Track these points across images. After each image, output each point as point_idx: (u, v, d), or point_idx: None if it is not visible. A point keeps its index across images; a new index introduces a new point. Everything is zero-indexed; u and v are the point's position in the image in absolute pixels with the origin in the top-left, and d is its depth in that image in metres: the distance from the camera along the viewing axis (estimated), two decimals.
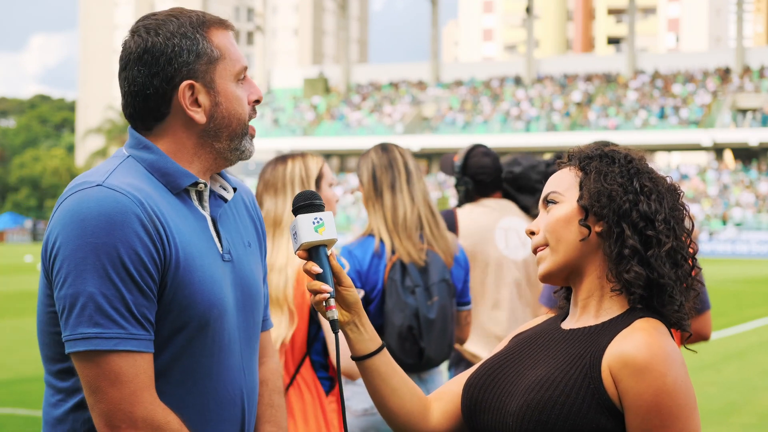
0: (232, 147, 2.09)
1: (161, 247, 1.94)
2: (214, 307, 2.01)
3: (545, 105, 55.63)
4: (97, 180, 1.95)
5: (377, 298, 3.75)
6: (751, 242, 42.55)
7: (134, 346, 1.90)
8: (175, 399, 1.98)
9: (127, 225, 1.91)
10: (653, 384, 1.83)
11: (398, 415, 2.06)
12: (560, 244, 1.99)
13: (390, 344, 3.70)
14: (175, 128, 2.06)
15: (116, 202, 1.91)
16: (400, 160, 3.84)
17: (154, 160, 2.04)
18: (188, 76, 2.03)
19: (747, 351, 12.87)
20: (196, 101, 2.05)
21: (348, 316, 2.02)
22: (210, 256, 2.04)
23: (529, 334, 2.11)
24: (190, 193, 2.08)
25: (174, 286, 1.96)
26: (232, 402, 2.07)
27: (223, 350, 2.04)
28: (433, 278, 3.77)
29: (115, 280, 1.89)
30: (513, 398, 1.93)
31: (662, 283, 1.95)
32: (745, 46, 57.15)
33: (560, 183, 2.05)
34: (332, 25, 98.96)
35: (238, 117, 2.08)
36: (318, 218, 1.97)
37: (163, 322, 1.96)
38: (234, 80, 2.07)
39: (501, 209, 4.51)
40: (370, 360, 2.04)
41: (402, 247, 3.73)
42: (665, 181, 2.04)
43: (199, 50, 2.04)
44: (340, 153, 59.47)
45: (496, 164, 4.54)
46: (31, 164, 78.00)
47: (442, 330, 3.78)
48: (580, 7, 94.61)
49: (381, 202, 3.78)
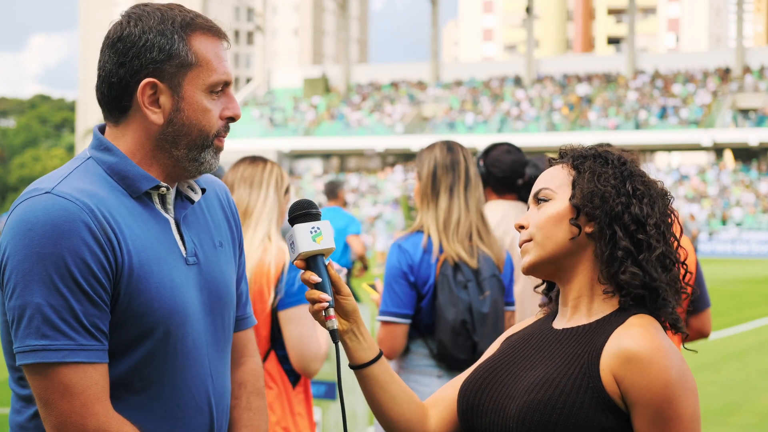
0: (191, 157, 2.02)
1: (112, 255, 1.90)
2: (174, 313, 1.96)
3: (545, 105, 55.60)
4: (47, 187, 1.91)
5: (429, 294, 3.75)
6: (751, 242, 42.51)
7: (84, 357, 1.86)
8: (139, 408, 1.95)
9: (75, 233, 1.86)
10: (660, 377, 1.84)
11: (397, 423, 2.05)
12: (548, 240, 1.99)
13: (442, 340, 3.70)
14: (135, 125, 2.01)
15: (63, 210, 1.87)
16: (462, 163, 3.83)
17: (113, 162, 2.00)
18: (153, 74, 1.98)
19: (747, 351, 12.86)
20: (156, 101, 1.99)
21: (347, 325, 2.01)
22: (170, 261, 1.99)
23: (521, 336, 2.10)
24: (152, 197, 2.03)
25: (128, 294, 1.92)
26: (198, 409, 2.03)
27: (187, 356, 2.00)
28: (485, 273, 3.78)
29: (63, 290, 1.85)
30: (512, 400, 1.93)
31: (655, 287, 1.95)
32: (745, 46, 57.10)
33: (552, 180, 2.04)
34: (332, 25, 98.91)
35: (201, 128, 2.01)
36: (315, 227, 1.95)
37: (121, 331, 1.93)
38: (205, 90, 2.01)
39: (516, 211, 4.46)
40: (369, 368, 2.03)
41: (451, 248, 3.73)
42: (657, 185, 2.04)
43: (171, 51, 1.98)
44: (340, 153, 59.42)
45: (514, 165, 4.49)
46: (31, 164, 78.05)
47: (494, 324, 3.79)
48: (580, 7, 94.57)
49: (436, 202, 3.79)
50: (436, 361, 3.76)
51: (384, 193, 52.27)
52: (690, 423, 1.86)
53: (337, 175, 55.72)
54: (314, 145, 57.33)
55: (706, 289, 4.34)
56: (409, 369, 3.79)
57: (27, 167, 77.98)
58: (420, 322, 3.77)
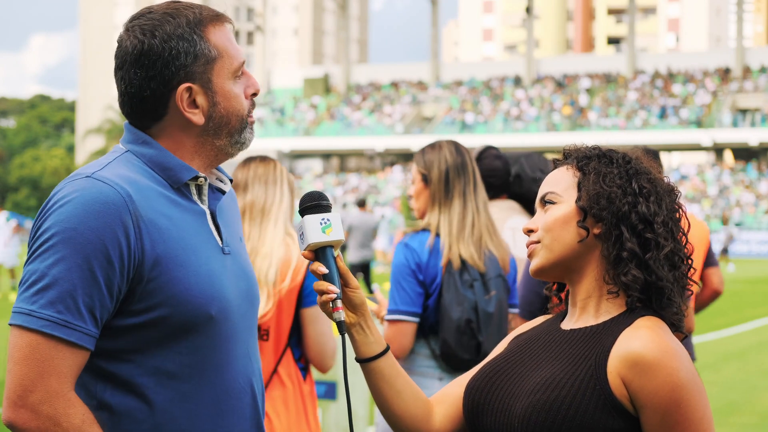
0: (233, 141, 2.08)
1: (139, 243, 1.92)
2: (214, 300, 1.99)
3: (545, 105, 55.59)
4: (88, 172, 1.95)
5: (435, 293, 3.73)
6: (751, 242, 42.52)
7: (63, 333, 1.87)
8: (188, 395, 1.98)
9: (105, 217, 1.89)
10: (668, 380, 1.83)
11: (402, 418, 2.05)
12: (556, 243, 1.98)
13: (446, 339, 3.68)
14: (172, 128, 2.04)
15: (99, 192, 1.91)
16: (470, 165, 3.84)
17: (153, 154, 2.02)
18: (186, 78, 2.01)
19: (747, 351, 12.85)
20: (193, 103, 2.03)
21: (354, 318, 2.01)
22: (208, 250, 2.03)
23: (528, 335, 2.09)
24: (189, 187, 2.06)
25: (159, 284, 1.94)
26: (242, 391, 2.07)
27: (229, 341, 2.03)
28: (490, 273, 3.77)
29: (71, 267, 1.87)
30: (518, 400, 1.92)
31: (660, 286, 1.95)
32: (745, 46, 57.08)
33: (558, 183, 2.03)
34: (332, 25, 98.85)
35: (237, 113, 2.06)
36: (325, 219, 1.96)
37: (163, 322, 1.95)
38: (231, 77, 2.05)
39: (507, 210, 4.54)
40: (375, 362, 2.02)
41: (463, 250, 3.73)
42: (663, 181, 2.03)
43: (196, 52, 2.01)
44: (340, 153, 59.40)
45: (506, 168, 4.56)
46: (31, 164, 77.98)
47: (498, 325, 3.78)
48: (580, 7, 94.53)
49: (450, 206, 3.78)
50: (437, 363, 3.75)
51: (384, 193, 52.26)
52: (700, 425, 1.86)
53: (337, 175, 55.73)
54: (314, 145, 57.32)
55: (714, 252, 4.81)
56: (410, 370, 3.77)
57: (27, 167, 77.87)
58: (424, 322, 3.75)
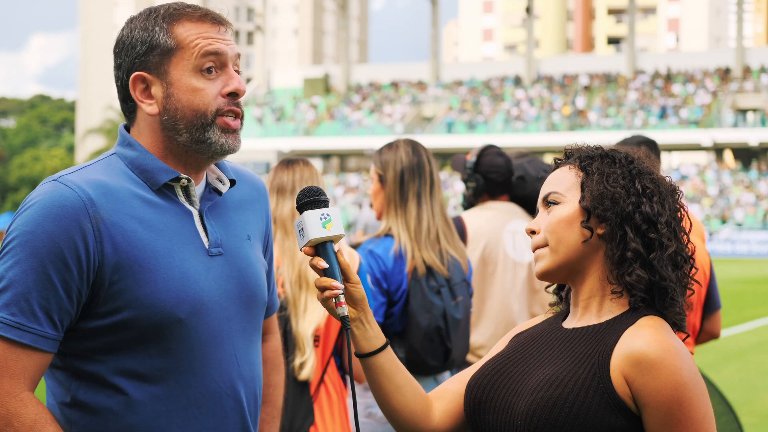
0: (195, 139, 2.04)
1: (99, 246, 1.94)
2: (184, 303, 1.98)
3: (545, 105, 55.59)
4: (57, 175, 2.00)
5: (401, 300, 3.68)
6: (751, 242, 42.51)
7: (16, 335, 1.88)
8: (159, 397, 1.98)
9: (62, 220, 1.92)
10: (671, 379, 1.84)
11: (401, 413, 2.05)
12: (561, 244, 1.98)
13: (413, 346, 3.64)
14: (141, 122, 2.08)
15: (60, 196, 1.94)
16: (427, 166, 3.75)
17: (134, 157, 2.05)
18: (140, 67, 2.05)
19: (747, 351, 12.86)
20: (149, 93, 2.05)
21: (355, 313, 2.01)
22: (187, 252, 2.02)
23: (530, 334, 2.10)
24: (174, 189, 2.06)
25: (122, 287, 1.94)
26: (223, 394, 2.05)
27: (205, 344, 2.02)
28: (455, 278, 3.74)
29: (27, 270, 1.89)
30: (520, 397, 1.93)
31: (664, 286, 1.95)
32: (745, 46, 57.05)
33: (561, 183, 2.03)
34: (332, 25, 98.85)
35: (194, 108, 2.03)
36: (325, 214, 1.95)
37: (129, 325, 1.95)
38: (193, 71, 2.04)
39: (508, 212, 4.51)
40: (375, 357, 2.02)
41: (424, 255, 3.67)
42: (665, 181, 2.03)
43: (152, 42, 2.04)
44: (340, 153, 59.39)
45: (508, 165, 4.54)
46: (31, 164, 77.97)
47: (465, 330, 3.76)
48: (580, 7, 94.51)
49: (405, 208, 3.71)
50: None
51: None
52: (702, 425, 1.86)
53: (337, 175, 55.73)
54: (314, 145, 57.29)
55: (718, 292, 4.36)
56: None
57: (27, 167, 77.87)
58: (389, 329, 3.69)
